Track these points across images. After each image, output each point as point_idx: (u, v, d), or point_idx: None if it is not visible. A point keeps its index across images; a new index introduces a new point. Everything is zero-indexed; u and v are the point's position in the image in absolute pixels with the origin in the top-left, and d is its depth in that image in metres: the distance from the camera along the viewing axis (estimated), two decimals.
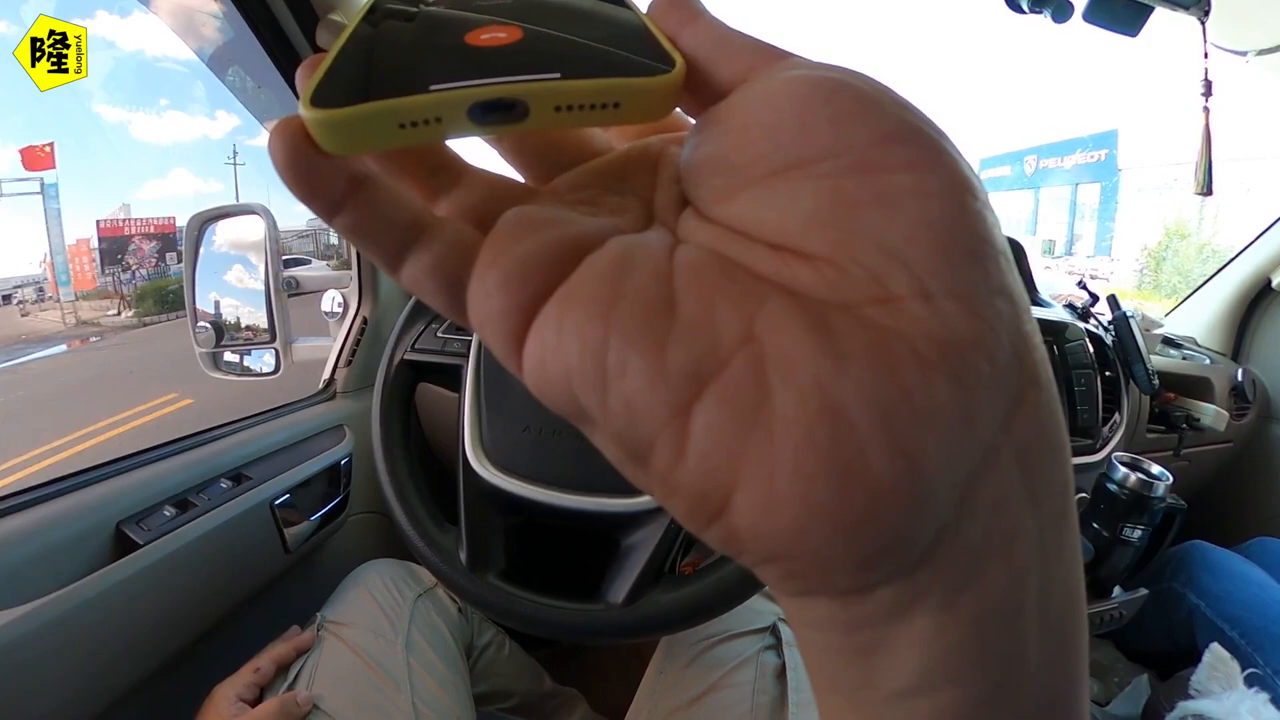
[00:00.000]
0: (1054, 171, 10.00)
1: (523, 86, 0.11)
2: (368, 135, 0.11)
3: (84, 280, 10.35)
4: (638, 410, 0.10)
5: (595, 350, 0.10)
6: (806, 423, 0.09)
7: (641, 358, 0.10)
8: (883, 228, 0.10)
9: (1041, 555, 0.11)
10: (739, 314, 0.10)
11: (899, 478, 0.09)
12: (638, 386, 0.10)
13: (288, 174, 0.11)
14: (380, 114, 0.11)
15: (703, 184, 0.12)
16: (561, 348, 0.10)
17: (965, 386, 0.09)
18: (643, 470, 0.11)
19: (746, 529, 0.10)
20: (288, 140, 0.11)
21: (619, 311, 0.10)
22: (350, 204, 0.12)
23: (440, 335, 0.55)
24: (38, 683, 0.42)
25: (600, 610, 0.44)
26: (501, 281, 0.11)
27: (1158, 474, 0.78)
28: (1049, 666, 0.11)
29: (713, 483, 0.10)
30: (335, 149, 0.11)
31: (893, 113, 0.11)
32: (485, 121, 0.11)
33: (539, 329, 0.11)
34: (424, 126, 0.11)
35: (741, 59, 0.12)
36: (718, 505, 0.10)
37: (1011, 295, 0.10)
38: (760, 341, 0.10)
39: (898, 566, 0.10)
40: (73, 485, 0.51)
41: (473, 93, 0.11)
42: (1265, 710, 0.63)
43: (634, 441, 0.10)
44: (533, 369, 0.11)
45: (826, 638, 0.11)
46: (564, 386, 0.11)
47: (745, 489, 0.09)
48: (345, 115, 0.11)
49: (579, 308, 0.11)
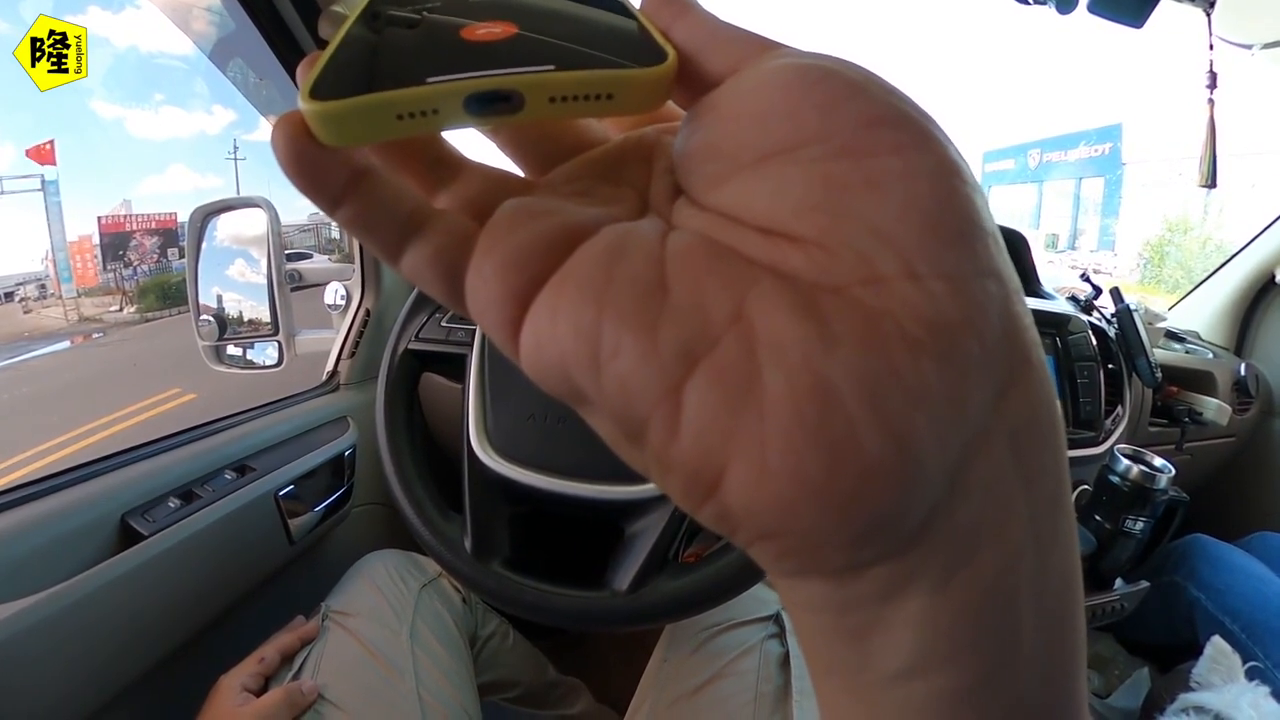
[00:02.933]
0: (1057, 165, 9.96)
1: (518, 78, 0.11)
2: (366, 127, 0.11)
3: (86, 276, 10.38)
4: (631, 389, 0.10)
5: (589, 332, 0.10)
6: (796, 401, 0.09)
7: (634, 338, 0.10)
8: (871, 210, 0.10)
9: (1035, 538, 0.11)
10: (729, 295, 0.10)
11: (888, 455, 0.09)
12: (630, 366, 0.10)
13: (290, 167, 0.12)
14: (378, 105, 0.11)
15: (695, 172, 0.12)
16: (556, 331, 0.11)
17: (954, 366, 0.10)
18: (638, 449, 0.11)
19: (739, 506, 0.10)
20: (289, 134, 0.11)
21: (611, 294, 0.10)
22: (351, 196, 0.12)
23: (444, 325, 0.55)
24: (44, 675, 0.42)
25: (605, 598, 0.44)
26: (498, 269, 0.11)
27: (1160, 466, 0.78)
28: (1044, 651, 0.11)
29: (706, 460, 0.10)
30: (334, 141, 0.11)
31: (879, 97, 0.11)
32: (481, 113, 0.11)
33: (534, 314, 0.11)
34: (421, 118, 0.11)
35: (732, 50, 0.12)
36: (711, 482, 0.10)
37: (1001, 276, 0.10)
38: (750, 321, 0.10)
39: (889, 545, 0.10)
40: (77, 478, 0.51)
41: (469, 84, 0.11)
42: (1266, 703, 0.63)
43: (629, 421, 0.11)
44: (529, 353, 0.11)
45: (821, 619, 0.12)
46: (560, 369, 0.11)
47: (737, 465, 0.10)
48: (343, 107, 0.11)
49: (573, 292, 0.11)
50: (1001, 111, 19.11)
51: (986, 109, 24.21)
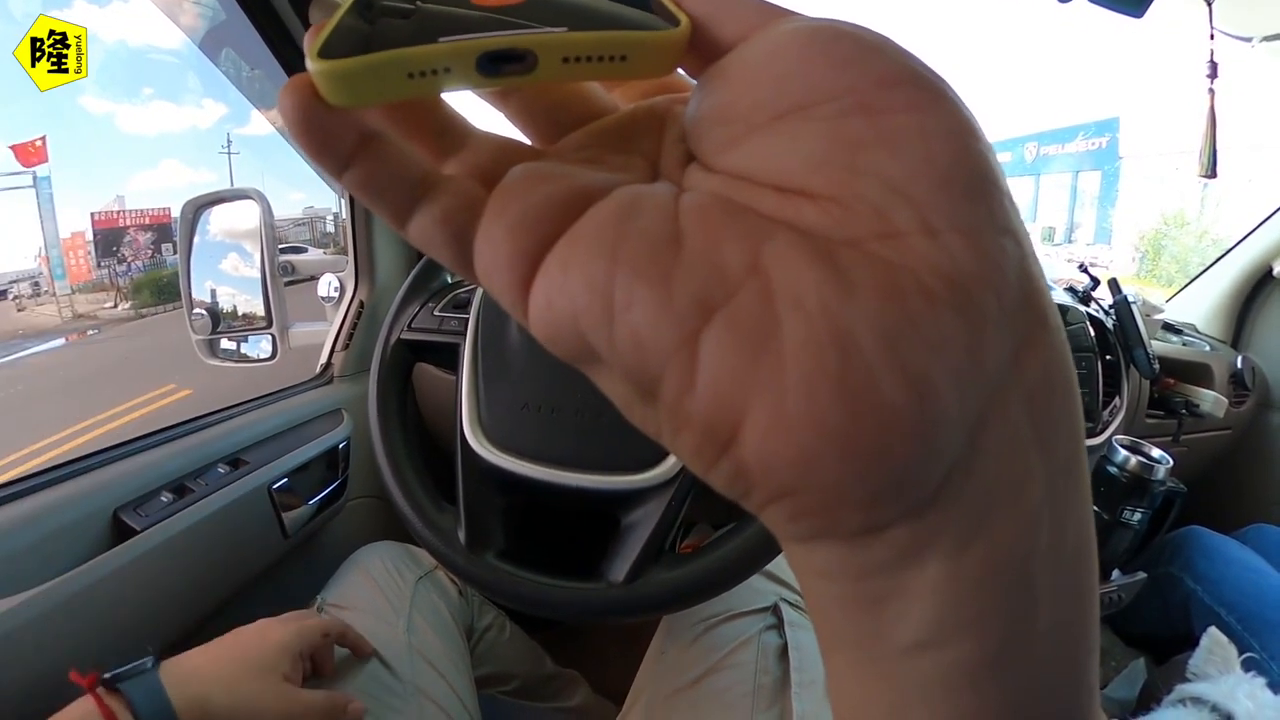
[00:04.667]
0: (1054, 158, 9.96)
1: (531, 37, 0.11)
2: (376, 86, 0.11)
3: (79, 273, 10.33)
4: (645, 341, 0.10)
5: (602, 286, 0.10)
6: (816, 347, 0.09)
7: (648, 289, 0.10)
8: (886, 166, 0.10)
9: (1052, 504, 0.11)
10: (745, 247, 0.10)
11: (908, 403, 0.09)
12: (645, 318, 0.10)
13: (299, 129, 0.12)
14: (389, 63, 0.11)
15: (707, 135, 0.12)
16: (567, 287, 0.11)
17: (972, 320, 0.10)
18: (651, 406, 0.11)
19: (755, 460, 0.10)
20: (298, 96, 0.11)
21: (624, 248, 0.10)
22: (360, 159, 0.12)
23: (437, 314, 0.54)
24: (35, 672, 0.42)
25: (601, 589, 0.44)
26: (508, 229, 0.11)
27: (1158, 457, 0.79)
28: (1058, 624, 0.11)
29: (722, 411, 0.10)
30: (342, 101, 0.11)
31: (894, 57, 0.11)
32: (494, 72, 0.11)
33: (545, 271, 0.11)
34: (432, 77, 0.11)
35: (744, 17, 0.12)
36: (727, 435, 0.10)
37: (1018, 235, 0.10)
38: (767, 272, 0.10)
39: (908, 505, 0.10)
40: (69, 472, 0.51)
41: (482, 42, 0.11)
42: (1262, 694, 0.63)
43: (642, 375, 0.10)
44: (539, 311, 0.11)
45: (836, 586, 0.11)
46: (571, 326, 0.11)
47: (756, 414, 0.09)
48: (354, 65, 0.11)
49: (584, 247, 0.11)
50: (998, 104, 19.14)
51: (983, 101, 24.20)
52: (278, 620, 0.46)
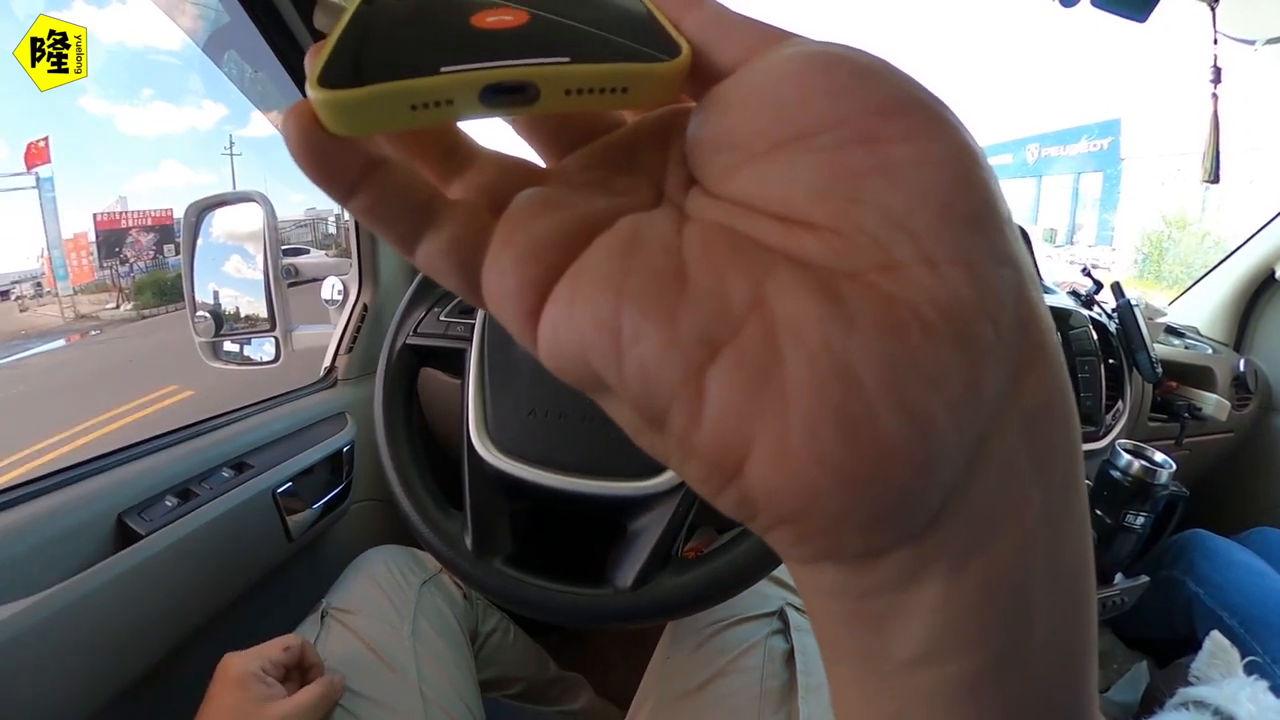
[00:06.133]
0: (1056, 160, 9.97)
1: (535, 69, 0.11)
2: (378, 117, 0.11)
3: (82, 274, 10.34)
4: (652, 376, 0.10)
5: (609, 320, 0.10)
6: (818, 383, 0.09)
7: (654, 325, 0.10)
8: (885, 196, 0.10)
9: (1049, 524, 0.11)
10: (748, 282, 0.10)
11: (908, 437, 0.09)
12: (652, 352, 0.10)
13: (302, 157, 0.11)
14: (392, 95, 0.11)
15: (707, 161, 0.12)
16: (575, 320, 0.11)
17: (970, 351, 0.10)
18: (659, 435, 0.11)
19: (761, 489, 0.10)
20: (301, 123, 0.11)
21: (631, 283, 0.11)
22: (365, 186, 0.12)
23: (443, 319, 0.54)
24: (41, 678, 0.42)
25: (608, 595, 0.44)
26: (516, 260, 0.11)
27: (1161, 461, 0.79)
28: (1056, 639, 0.11)
29: (728, 444, 0.10)
30: (344, 131, 0.11)
31: (891, 83, 0.11)
32: (496, 104, 0.11)
33: (553, 303, 0.11)
34: (435, 108, 0.11)
35: (743, 41, 0.12)
36: (733, 467, 0.10)
37: (1016, 263, 0.11)
38: (770, 307, 0.10)
39: (907, 529, 0.10)
40: (73, 477, 0.51)
41: (486, 75, 0.11)
42: (1265, 697, 0.63)
43: (650, 407, 0.11)
44: (548, 342, 0.11)
45: (838, 604, 0.12)
46: (579, 357, 0.11)
47: (760, 448, 0.10)
48: (355, 96, 0.11)
49: (591, 281, 0.11)
50: (1000, 106, 19.11)
51: (985, 103, 24.18)
52: (228, 658, 0.47)
